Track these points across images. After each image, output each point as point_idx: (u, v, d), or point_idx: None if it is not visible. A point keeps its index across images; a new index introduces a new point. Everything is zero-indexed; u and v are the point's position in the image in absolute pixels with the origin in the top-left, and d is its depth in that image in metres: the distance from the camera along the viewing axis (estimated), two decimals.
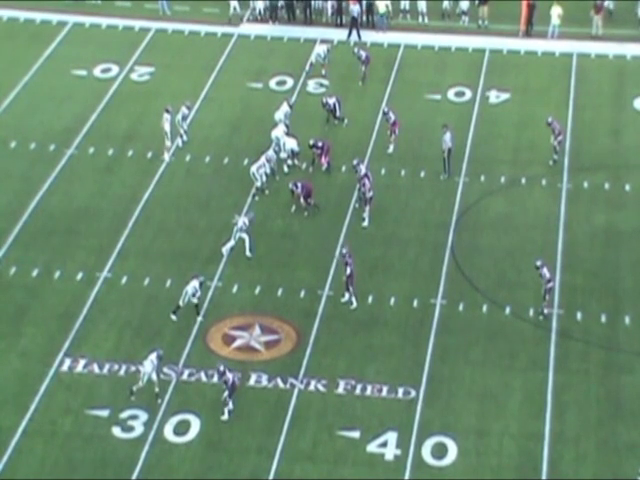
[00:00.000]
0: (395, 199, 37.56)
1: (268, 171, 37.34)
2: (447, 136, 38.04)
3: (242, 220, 34.68)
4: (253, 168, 37.19)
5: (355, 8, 46.37)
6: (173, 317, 32.22)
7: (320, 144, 38.34)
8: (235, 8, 47.21)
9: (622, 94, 42.95)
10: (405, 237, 35.82)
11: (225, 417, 28.97)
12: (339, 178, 38.51)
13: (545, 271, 32.14)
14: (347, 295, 32.73)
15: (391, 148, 39.47)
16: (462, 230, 36.07)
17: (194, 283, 32.10)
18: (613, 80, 44.02)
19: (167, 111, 39.07)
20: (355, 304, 32.58)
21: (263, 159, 37.31)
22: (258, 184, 37.16)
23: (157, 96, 42.91)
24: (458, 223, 36.39)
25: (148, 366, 29.21)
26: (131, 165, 38.97)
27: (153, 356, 29.35)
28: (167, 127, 38.87)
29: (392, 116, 39.42)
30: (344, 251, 32.87)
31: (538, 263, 32.24)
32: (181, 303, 32.08)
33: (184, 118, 39.52)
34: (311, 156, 38.54)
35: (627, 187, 38.17)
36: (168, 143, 39.09)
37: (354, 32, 46.42)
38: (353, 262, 32.49)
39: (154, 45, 46.40)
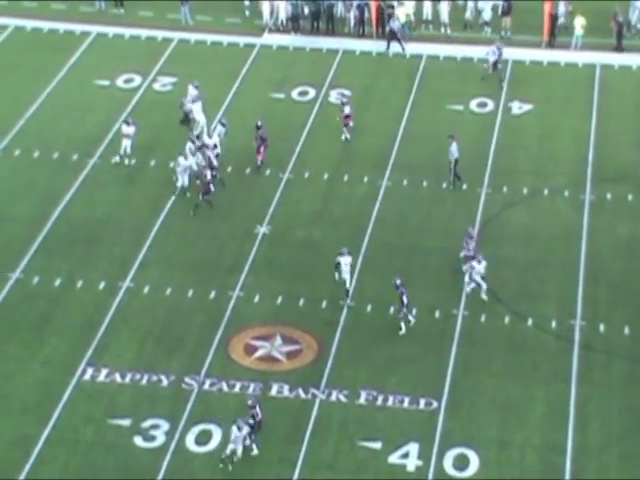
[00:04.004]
0: (417, 209, 37.53)
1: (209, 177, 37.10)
2: (453, 147, 37.98)
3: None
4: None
5: (395, 24, 46.38)
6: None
7: (263, 133, 37.92)
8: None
9: None
10: (427, 248, 35.77)
11: (254, 452, 28.40)
12: (361, 189, 38.49)
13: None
14: (403, 327, 31.96)
15: (346, 135, 40.37)
16: (484, 241, 35.99)
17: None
18: (636, 91, 43.86)
19: (222, 124, 39.10)
20: (404, 330, 31.96)
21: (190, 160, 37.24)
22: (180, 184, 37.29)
23: (179, 106, 43.02)
24: (480, 234, 36.31)
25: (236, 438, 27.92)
26: (153, 174, 39.08)
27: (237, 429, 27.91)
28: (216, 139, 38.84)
29: (346, 109, 39.85)
30: (397, 282, 32.08)
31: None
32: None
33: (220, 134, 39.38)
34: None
35: None
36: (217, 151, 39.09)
37: (394, 44, 46.24)
38: (406, 290, 31.82)
39: (176, 55, 46.57)
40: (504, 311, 33.17)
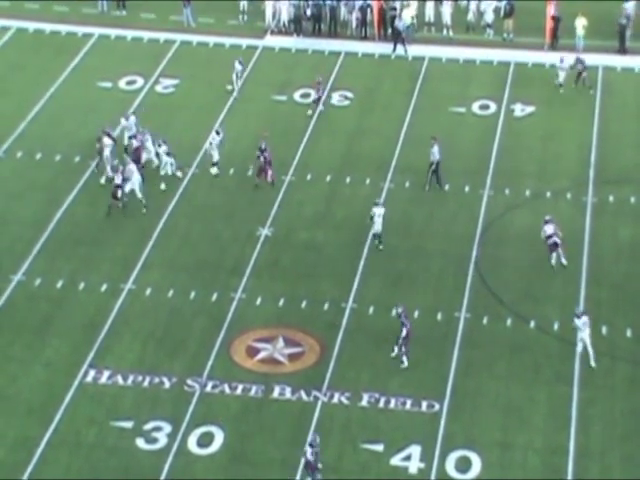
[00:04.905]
0: (419, 212, 37.51)
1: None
2: (435, 149, 37.94)
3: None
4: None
5: (401, 23, 46.38)
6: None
7: (266, 153, 37.73)
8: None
9: None
10: (429, 250, 35.75)
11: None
12: (363, 191, 38.49)
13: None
14: (396, 349, 31.19)
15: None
16: (487, 243, 35.97)
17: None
18: (639, 93, 43.80)
19: (217, 133, 39.06)
20: (406, 364, 31.01)
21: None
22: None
23: (182, 108, 43.08)
24: (483, 236, 36.29)
25: None
26: (156, 176, 39.05)
27: None
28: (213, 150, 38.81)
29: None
30: (399, 310, 31.18)
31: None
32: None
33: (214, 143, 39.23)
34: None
35: None
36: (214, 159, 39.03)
37: (400, 46, 46.25)
38: (409, 322, 31.10)
39: (179, 57, 46.58)
40: (506, 313, 33.15)
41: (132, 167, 37.38)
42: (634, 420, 29.36)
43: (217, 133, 39.39)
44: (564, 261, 34.62)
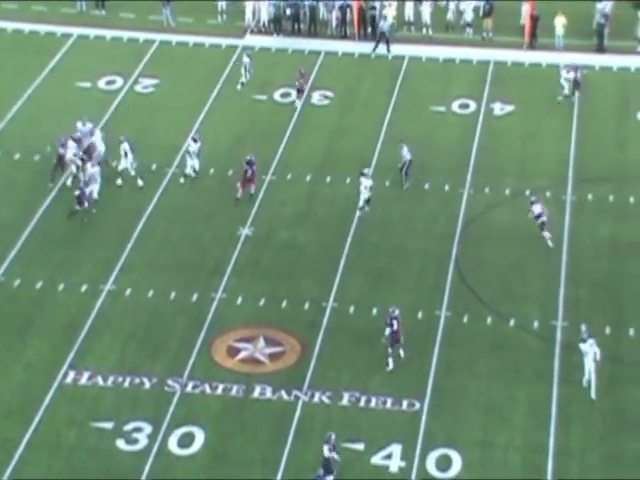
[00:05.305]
0: (400, 210, 37.57)
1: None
2: (404, 150, 38.19)
3: None
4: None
5: (386, 24, 46.44)
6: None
7: (254, 166, 37.41)
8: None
9: (626, 106, 42.95)
10: (410, 249, 35.81)
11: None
12: (343, 190, 38.51)
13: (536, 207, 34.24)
14: (391, 363, 30.88)
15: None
16: (467, 242, 36.06)
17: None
18: (617, 92, 43.99)
19: (194, 140, 38.74)
20: (391, 366, 30.88)
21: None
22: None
23: (161, 108, 43.01)
24: (463, 235, 36.38)
25: None
26: (135, 177, 38.95)
27: None
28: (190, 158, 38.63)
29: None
30: (396, 313, 30.69)
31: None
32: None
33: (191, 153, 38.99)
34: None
35: (632, 199, 38.15)
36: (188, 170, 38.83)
37: (382, 46, 46.25)
38: (399, 325, 30.71)
39: (158, 57, 46.49)
40: (486, 312, 33.23)
41: (93, 171, 37.18)
42: (613, 418, 29.47)
43: (194, 141, 39.01)
44: (550, 243, 34.82)
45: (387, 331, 30.88)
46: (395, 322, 30.88)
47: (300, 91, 42.99)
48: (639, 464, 28.28)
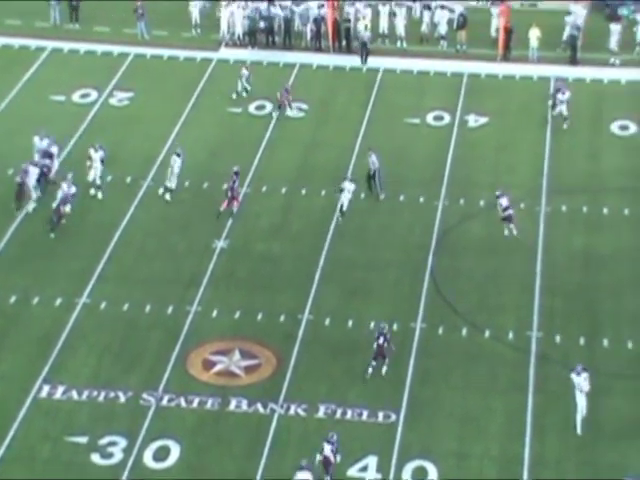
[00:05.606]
0: (375, 222, 37.63)
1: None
2: (373, 158, 38.38)
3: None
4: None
5: (366, 34, 46.56)
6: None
7: (236, 185, 37.42)
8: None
9: (599, 118, 43.22)
10: (385, 260, 35.86)
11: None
12: (319, 202, 38.55)
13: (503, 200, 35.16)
14: (369, 371, 30.94)
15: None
16: (442, 253, 36.15)
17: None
18: (590, 104, 44.25)
19: (177, 155, 38.57)
20: (368, 375, 30.96)
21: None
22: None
23: (136, 121, 42.96)
24: (438, 246, 36.47)
25: None
26: (110, 190, 38.89)
27: None
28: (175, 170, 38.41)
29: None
30: (384, 329, 30.94)
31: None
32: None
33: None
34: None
35: (605, 210, 38.36)
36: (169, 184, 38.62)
37: (357, 58, 46.42)
38: (386, 341, 30.77)
39: (133, 70, 46.45)
40: (462, 323, 33.30)
41: (70, 191, 37.05)
42: (588, 427, 29.55)
43: (178, 155, 38.85)
44: (515, 232, 35.72)
45: (374, 345, 30.98)
46: (382, 337, 30.94)
47: (281, 106, 42.88)
48: (614, 474, 28.37)
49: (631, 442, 29.22)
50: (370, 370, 31.01)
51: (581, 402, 29.24)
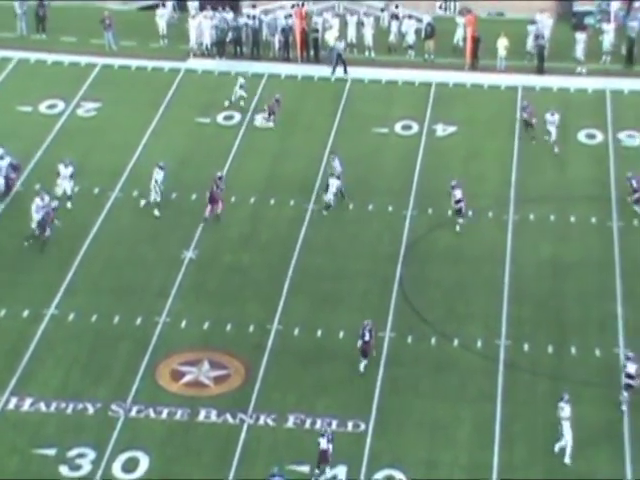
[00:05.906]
0: (343, 232, 37.68)
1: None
2: (336, 162, 38.75)
3: None
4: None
5: (340, 45, 46.62)
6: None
7: (221, 184, 37.62)
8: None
9: (566, 126, 43.44)
10: (354, 270, 35.90)
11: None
12: (287, 212, 38.56)
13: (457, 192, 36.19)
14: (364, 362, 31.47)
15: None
16: (410, 263, 36.24)
17: None
18: (558, 113, 44.48)
19: (161, 168, 38.29)
20: (361, 370, 31.34)
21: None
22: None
23: (104, 131, 42.85)
24: (406, 256, 36.55)
25: None
26: (78, 200, 38.74)
27: None
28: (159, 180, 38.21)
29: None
30: (365, 323, 31.41)
31: (453, 183, 33.76)
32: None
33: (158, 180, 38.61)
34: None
35: (572, 219, 38.58)
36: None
37: (339, 68, 46.43)
38: (371, 337, 31.19)
39: (100, 80, 46.33)
40: (430, 332, 33.39)
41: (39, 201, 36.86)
42: (555, 434, 29.66)
43: (161, 168, 38.47)
44: (458, 228, 36.95)
45: (359, 342, 31.11)
46: (367, 334, 31.17)
47: (271, 114, 42.86)
48: None
49: (599, 449, 29.38)
50: (362, 366, 31.17)
51: (567, 432, 28.80)
